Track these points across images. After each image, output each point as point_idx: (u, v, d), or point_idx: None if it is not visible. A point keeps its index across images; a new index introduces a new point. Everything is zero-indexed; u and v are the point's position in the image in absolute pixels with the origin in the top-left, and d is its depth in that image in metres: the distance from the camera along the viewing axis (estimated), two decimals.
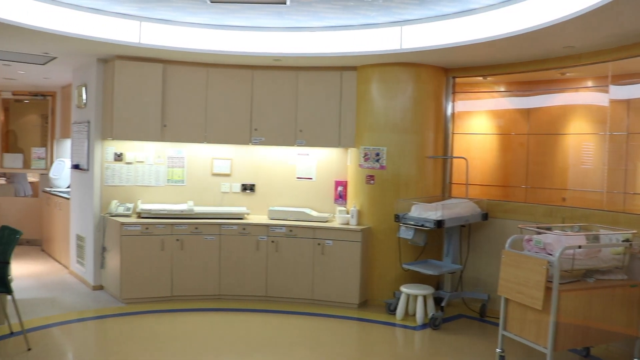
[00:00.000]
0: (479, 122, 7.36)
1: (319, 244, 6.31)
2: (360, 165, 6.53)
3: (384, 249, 6.40)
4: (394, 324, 5.86)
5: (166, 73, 6.55)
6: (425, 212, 5.81)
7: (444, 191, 6.68)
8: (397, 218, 6.05)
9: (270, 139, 6.74)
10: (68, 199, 7.77)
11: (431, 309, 5.87)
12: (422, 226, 5.78)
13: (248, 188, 7.07)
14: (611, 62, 5.32)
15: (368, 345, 5.47)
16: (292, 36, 6.02)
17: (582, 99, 6.58)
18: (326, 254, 6.29)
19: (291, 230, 6.36)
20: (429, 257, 6.40)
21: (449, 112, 6.67)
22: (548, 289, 4.21)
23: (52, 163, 9.54)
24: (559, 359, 4.83)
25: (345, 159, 6.86)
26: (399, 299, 6.02)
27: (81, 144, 7.08)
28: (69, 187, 8.23)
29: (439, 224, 5.66)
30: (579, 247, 4.32)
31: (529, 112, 7.03)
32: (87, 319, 5.83)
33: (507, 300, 4.63)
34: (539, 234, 4.61)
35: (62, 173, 8.81)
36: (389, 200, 6.33)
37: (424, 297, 5.87)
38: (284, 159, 7.06)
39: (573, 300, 4.27)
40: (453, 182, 6.71)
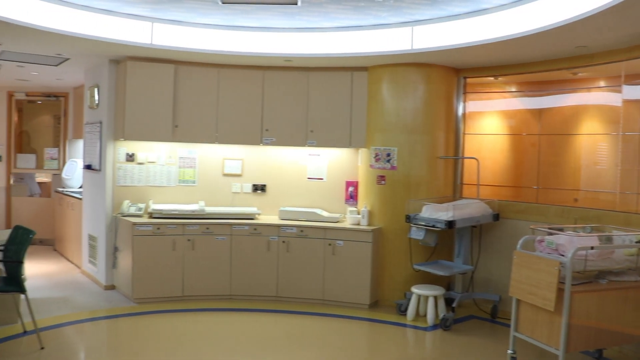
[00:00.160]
0: (490, 123, 7.33)
1: (329, 244, 6.31)
2: (371, 166, 6.53)
3: (394, 250, 6.40)
4: (404, 325, 5.85)
5: (178, 74, 6.58)
6: (436, 212, 5.80)
7: (455, 192, 6.66)
8: (408, 218, 6.04)
9: (281, 139, 6.75)
10: (80, 199, 7.81)
11: (442, 310, 5.85)
12: (433, 227, 5.76)
13: (259, 188, 7.08)
14: (624, 61, 5.28)
15: (379, 346, 5.47)
16: (303, 37, 6.03)
17: (594, 99, 6.53)
18: (337, 254, 6.29)
19: (302, 231, 6.37)
20: (440, 257, 6.39)
21: (460, 113, 6.66)
22: (560, 290, 4.18)
23: (64, 163, 9.61)
24: None
25: (356, 159, 6.86)
26: (409, 299, 6.01)
27: (93, 145, 7.12)
28: (81, 187, 8.27)
29: (450, 224, 5.65)
30: (592, 248, 4.29)
31: (540, 113, 7.00)
32: (99, 318, 5.87)
33: (518, 301, 4.61)
34: (551, 234, 4.58)
35: (75, 173, 8.86)
36: (399, 200, 6.32)
37: (435, 298, 5.85)
38: (294, 159, 7.07)
39: (585, 301, 4.24)
40: (464, 183, 6.69)
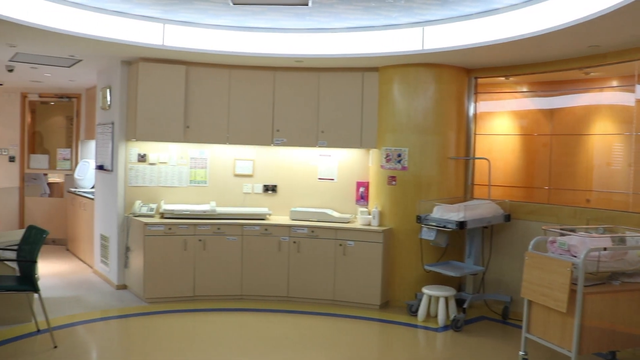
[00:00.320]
0: (501, 123, 7.30)
1: (340, 244, 6.31)
2: (381, 166, 6.53)
3: (405, 250, 6.39)
4: (415, 326, 5.84)
5: (189, 75, 6.60)
6: (447, 213, 5.79)
7: (466, 192, 6.65)
8: (418, 219, 6.03)
9: (292, 140, 6.76)
10: (92, 199, 7.87)
11: (453, 311, 5.84)
12: (444, 227, 5.75)
13: (270, 189, 7.10)
14: (637, 61, 5.24)
15: (389, 347, 5.46)
16: (313, 37, 6.03)
17: (607, 98, 6.49)
18: (348, 254, 6.29)
19: (313, 231, 6.38)
20: (451, 258, 6.37)
21: (471, 113, 6.64)
22: (572, 292, 4.16)
23: (77, 164, 9.69)
24: None
25: (366, 159, 6.86)
26: (420, 300, 6.00)
27: (105, 145, 7.17)
28: (93, 187, 8.33)
29: (461, 225, 5.63)
30: (604, 249, 4.26)
31: (552, 113, 6.96)
32: (111, 317, 5.91)
33: (530, 302, 4.59)
34: (563, 235, 4.56)
35: (87, 174, 8.92)
36: (410, 201, 6.31)
37: (446, 299, 5.84)
38: (305, 159, 7.07)
39: (598, 303, 4.21)
40: (475, 183, 6.67)
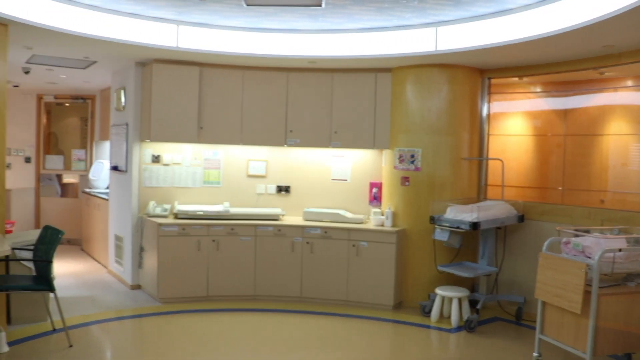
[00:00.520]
0: (514, 123, 7.28)
1: (353, 245, 6.32)
2: (395, 167, 6.53)
3: (418, 251, 6.38)
4: (428, 326, 5.84)
5: (202, 76, 6.64)
6: (461, 214, 5.78)
7: (479, 193, 6.63)
8: (432, 220, 6.03)
9: (305, 140, 6.78)
10: (107, 199, 7.93)
11: (466, 312, 5.83)
12: (458, 228, 5.74)
13: (283, 189, 7.12)
14: None
15: (402, 348, 5.46)
16: (326, 38, 6.04)
17: (621, 98, 6.45)
18: (361, 255, 6.30)
19: (326, 232, 6.39)
20: (464, 259, 6.36)
21: (484, 113, 6.62)
22: (587, 293, 4.14)
23: (91, 164, 9.76)
24: None
25: (379, 160, 6.86)
26: (433, 301, 5.99)
27: (120, 146, 7.22)
28: (107, 188, 8.39)
29: (474, 226, 5.62)
30: (619, 250, 4.24)
31: (565, 113, 6.93)
32: (125, 317, 5.95)
33: (544, 303, 4.57)
34: (577, 236, 4.54)
35: (101, 174, 8.99)
36: (423, 202, 6.31)
37: (459, 300, 5.83)
38: (318, 160, 7.09)
39: (613, 304, 4.19)
40: (488, 184, 6.65)
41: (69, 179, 10.66)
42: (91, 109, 10.03)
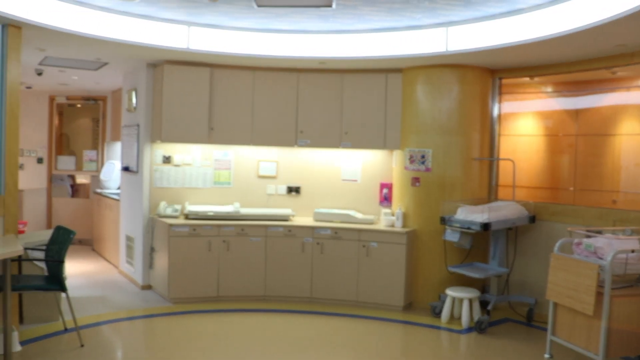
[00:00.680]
0: (526, 124, 7.25)
1: (364, 246, 6.31)
2: (405, 168, 6.52)
3: (429, 252, 6.37)
4: (439, 327, 5.82)
5: (213, 77, 6.66)
6: (471, 214, 5.76)
7: (490, 193, 6.60)
8: (442, 220, 6.01)
9: (316, 141, 6.78)
10: (118, 200, 7.97)
11: (477, 313, 5.80)
12: (468, 229, 5.72)
13: (293, 190, 7.12)
14: None
15: (412, 348, 5.45)
16: (337, 39, 6.04)
17: (634, 98, 6.40)
18: (371, 256, 6.29)
19: (336, 232, 6.39)
20: (475, 260, 6.34)
21: (495, 114, 6.60)
22: (599, 294, 4.12)
23: (102, 165, 9.82)
24: None
25: (390, 161, 6.85)
26: (444, 301, 5.98)
27: (131, 147, 7.26)
28: (119, 188, 8.44)
29: (485, 226, 5.60)
30: (632, 251, 4.21)
31: (577, 113, 6.89)
32: (136, 317, 5.98)
33: (555, 304, 4.55)
34: (589, 237, 4.52)
35: (113, 175, 9.04)
36: (434, 202, 6.29)
37: (470, 301, 5.81)
38: (329, 161, 7.09)
39: (626, 306, 4.16)
40: (499, 184, 6.63)
41: (80, 179, 10.73)
42: (102, 110, 10.09)
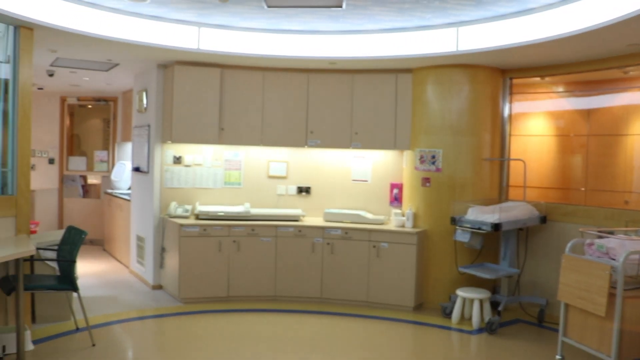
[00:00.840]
0: (536, 124, 7.21)
1: (374, 246, 6.31)
2: (415, 168, 6.50)
3: (439, 252, 6.35)
4: (449, 328, 5.81)
5: (223, 77, 6.68)
6: (482, 215, 5.74)
7: (501, 194, 6.58)
8: (453, 221, 5.99)
9: (326, 141, 6.78)
10: (129, 200, 8.00)
11: (487, 313, 5.78)
12: (479, 229, 5.70)
13: (304, 190, 7.13)
14: None
15: (423, 349, 5.44)
16: (347, 39, 6.04)
17: None
18: (381, 256, 6.28)
19: (346, 233, 6.38)
20: (486, 260, 6.31)
21: (506, 114, 6.57)
22: (611, 295, 4.09)
23: (113, 165, 9.87)
24: None
25: (400, 161, 6.84)
26: (454, 302, 5.96)
27: (141, 147, 7.29)
28: (129, 189, 8.48)
29: (496, 227, 5.58)
30: None
31: (589, 113, 6.85)
32: (146, 317, 6.01)
33: (567, 305, 4.52)
34: (601, 238, 4.49)
35: (123, 175, 9.08)
36: (444, 202, 6.28)
37: (480, 301, 5.79)
38: (339, 161, 7.09)
39: (638, 307, 4.13)
40: (510, 185, 6.60)
41: (91, 180, 10.79)
42: (113, 111, 10.14)
